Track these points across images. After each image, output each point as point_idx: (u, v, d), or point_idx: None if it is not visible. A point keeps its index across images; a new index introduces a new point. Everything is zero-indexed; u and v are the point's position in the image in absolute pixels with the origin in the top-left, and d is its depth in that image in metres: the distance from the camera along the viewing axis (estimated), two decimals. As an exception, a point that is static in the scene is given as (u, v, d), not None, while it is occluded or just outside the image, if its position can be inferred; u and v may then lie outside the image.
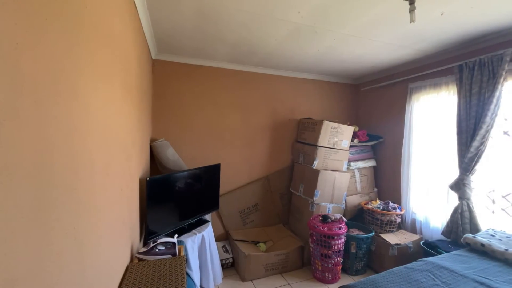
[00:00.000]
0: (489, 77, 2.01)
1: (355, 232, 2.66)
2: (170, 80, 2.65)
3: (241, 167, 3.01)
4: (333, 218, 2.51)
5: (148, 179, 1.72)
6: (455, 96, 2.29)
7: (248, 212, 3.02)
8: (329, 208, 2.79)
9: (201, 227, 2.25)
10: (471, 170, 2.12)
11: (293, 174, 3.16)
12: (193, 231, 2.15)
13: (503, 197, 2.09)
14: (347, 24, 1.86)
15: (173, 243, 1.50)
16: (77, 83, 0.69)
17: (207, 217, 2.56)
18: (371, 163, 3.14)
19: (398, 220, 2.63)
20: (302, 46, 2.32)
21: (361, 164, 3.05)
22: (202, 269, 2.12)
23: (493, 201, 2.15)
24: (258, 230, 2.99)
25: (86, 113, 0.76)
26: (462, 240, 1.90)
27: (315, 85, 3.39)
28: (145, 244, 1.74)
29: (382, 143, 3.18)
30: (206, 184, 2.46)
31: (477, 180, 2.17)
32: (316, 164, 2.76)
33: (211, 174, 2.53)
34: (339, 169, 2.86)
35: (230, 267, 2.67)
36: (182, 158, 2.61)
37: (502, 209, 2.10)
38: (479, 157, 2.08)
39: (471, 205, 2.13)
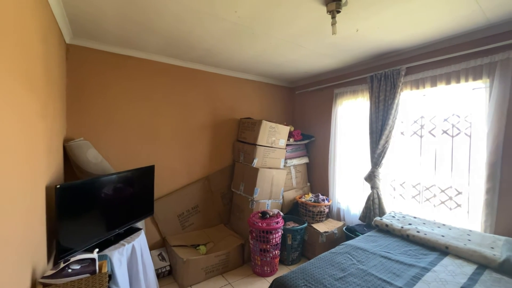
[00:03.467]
0: (391, 87, 2.45)
1: (291, 224, 2.86)
2: (92, 69, 2.29)
3: (179, 168, 2.85)
4: (271, 213, 2.64)
5: (58, 186, 1.43)
6: (368, 101, 2.71)
7: (188, 215, 2.89)
8: (268, 204, 2.91)
9: (131, 236, 2.02)
10: (379, 163, 2.55)
11: (234, 173, 3.18)
12: (122, 242, 1.91)
13: (400, 185, 2.60)
14: (281, 29, 1.97)
15: (92, 259, 1.30)
16: None
17: (140, 224, 2.32)
18: (304, 160, 3.44)
19: (327, 210, 2.96)
20: (241, 46, 2.35)
21: (296, 161, 3.30)
22: (133, 283, 1.91)
23: (394, 189, 2.65)
24: (199, 233, 2.89)
25: None
26: (373, 223, 2.27)
27: (254, 85, 3.49)
28: (56, 264, 1.45)
29: (313, 142, 3.52)
30: (137, 188, 2.23)
31: (384, 172, 2.62)
32: (255, 163, 2.85)
33: (144, 177, 2.30)
34: (277, 167, 3.02)
35: (167, 275, 2.50)
36: (108, 160, 2.29)
37: (400, 195, 2.61)
38: (384, 153, 2.52)
39: (379, 193, 2.56)
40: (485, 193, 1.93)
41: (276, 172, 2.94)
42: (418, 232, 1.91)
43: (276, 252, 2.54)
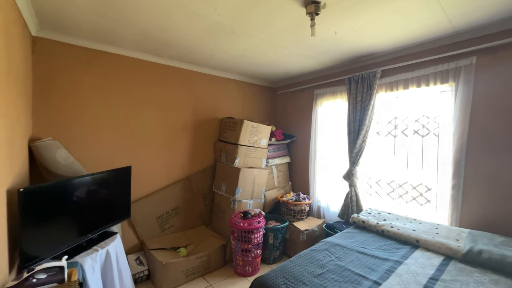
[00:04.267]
0: (367, 89, 2.55)
1: (272, 223, 2.88)
2: (61, 64, 2.14)
3: (158, 168, 2.76)
4: (253, 213, 2.64)
5: (21, 190, 1.33)
6: (346, 102, 2.80)
7: (167, 217, 2.81)
8: (249, 204, 2.91)
9: (105, 241, 1.92)
10: (357, 162, 2.65)
11: (215, 173, 3.14)
12: (95, 247, 1.81)
13: (376, 182, 2.72)
14: (261, 29, 1.97)
15: (61, 267, 1.22)
16: None
17: (115, 228, 2.22)
18: (286, 159, 3.48)
19: (307, 208, 3.01)
20: (221, 45, 2.32)
21: (278, 160, 3.33)
22: (108, 289, 1.82)
23: (370, 186, 2.76)
24: (179, 235, 2.82)
25: None
26: (350, 219, 2.35)
27: (236, 85, 3.47)
28: (19, 274, 1.34)
29: (295, 142, 3.57)
30: (113, 191, 2.12)
31: (361, 170, 2.72)
32: (237, 162, 2.83)
33: (120, 178, 2.20)
34: (258, 166, 3.03)
35: (145, 280, 2.42)
36: (80, 161, 2.16)
37: (376, 192, 2.72)
38: (361, 152, 2.62)
39: (357, 191, 2.66)
40: (451, 189, 2.07)
41: (258, 172, 2.95)
42: (392, 227, 2.01)
43: (258, 251, 2.55)
